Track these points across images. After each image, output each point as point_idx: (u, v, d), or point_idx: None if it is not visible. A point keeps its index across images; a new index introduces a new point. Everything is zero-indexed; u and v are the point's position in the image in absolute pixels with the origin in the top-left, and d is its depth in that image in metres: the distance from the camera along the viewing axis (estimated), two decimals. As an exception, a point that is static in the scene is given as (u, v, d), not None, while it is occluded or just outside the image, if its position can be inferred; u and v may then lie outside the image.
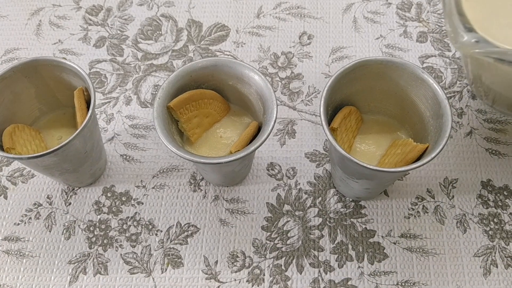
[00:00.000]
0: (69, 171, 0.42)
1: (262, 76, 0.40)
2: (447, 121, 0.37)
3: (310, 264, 0.43)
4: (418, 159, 0.38)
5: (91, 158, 0.43)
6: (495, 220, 0.45)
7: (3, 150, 0.40)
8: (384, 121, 0.44)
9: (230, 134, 0.43)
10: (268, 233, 0.45)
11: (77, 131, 0.37)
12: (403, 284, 0.42)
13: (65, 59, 0.41)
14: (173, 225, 0.45)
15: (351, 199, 0.46)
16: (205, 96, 0.42)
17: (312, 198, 0.46)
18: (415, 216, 0.45)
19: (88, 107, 0.41)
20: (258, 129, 0.42)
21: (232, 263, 0.43)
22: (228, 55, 0.54)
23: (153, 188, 0.47)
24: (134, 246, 0.44)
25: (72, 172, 0.42)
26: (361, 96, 0.43)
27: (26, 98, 0.43)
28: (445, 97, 0.37)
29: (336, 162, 0.40)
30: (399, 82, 0.41)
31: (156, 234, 0.45)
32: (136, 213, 0.46)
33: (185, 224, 0.45)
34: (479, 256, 0.43)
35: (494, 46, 0.34)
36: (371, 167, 0.35)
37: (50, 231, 0.45)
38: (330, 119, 0.41)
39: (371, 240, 0.44)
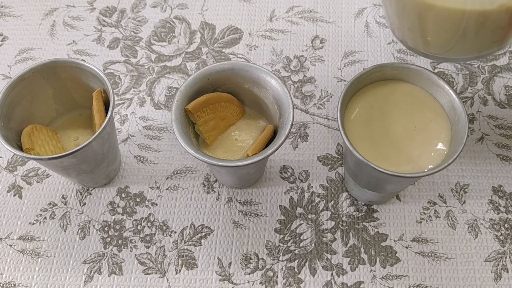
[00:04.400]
0: (86, 172, 0.42)
1: (279, 80, 0.41)
2: (463, 127, 0.37)
3: (323, 267, 0.44)
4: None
5: (108, 159, 0.43)
6: (506, 225, 0.45)
7: (22, 150, 0.40)
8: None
9: (245, 137, 0.44)
10: (281, 236, 0.45)
11: (96, 133, 0.38)
12: (415, 288, 0.43)
13: (84, 61, 0.41)
14: (187, 226, 0.46)
15: (363, 203, 0.46)
16: (221, 99, 0.42)
17: (324, 201, 0.46)
18: (427, 221, 0.45)
19: (105, 109, 0.42)
20: (273, 133, 0.43)
21: (246, 265, 0.44)
22: (241, 58, 0.55)
23: (167, 189, 0.47)
24: (148, 247, 0.45)
25: (88, 173, 0.43)
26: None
27: (43, 99, 0.43)
28: (461, 104, 0.38)
29: (351, 166, 0.41)
30: (415, 88, 0.41)
31: (170, 235, 0.45)
32: (150, 214, 0.46)
33: (198, 226, 0.46)
34: (490, 261, 0.44)
35: None
36: (386, 171, 0.36)
37: (65, 231, 0.45)
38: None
39: (383, 244, 0.44)
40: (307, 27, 0.57)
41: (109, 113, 0.39)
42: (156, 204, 0.47)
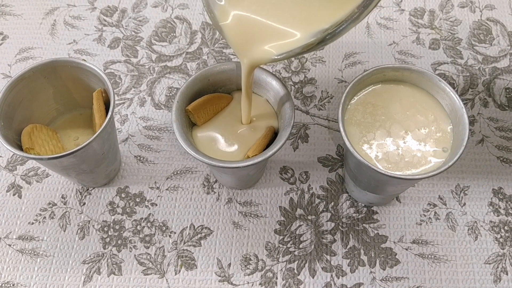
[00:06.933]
0: (86, 172, 0.42)
1: (280, 81, 0.41)
2: (464, 130, 0.37)
3: (322, 268, 0.44)
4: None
5: (108, 159, 0.43)
6: (505, 227, 0.45)
7: (22, 149, 0.40)
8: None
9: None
10: (281, 237, 0.45)
11: (97, 133, 0.38)
12: (414, 289, 0.43)
13: (85, 60, 0.41)
14: (187, 227, 0.45)
15: (363, 205, 0.46)
16: (222, 100, 0.42)
17: (324, 202, 0.46)
18: (427, 223, 0.45)
19: (106, 109, 0.41)
20: (274, 134, 0.43)
21: (245, 266, 0.44)
22: (241, 58, 0.55)
23: (166, 189, 0.47)
24: (147, 247, 0.44)
25: (88, 173, 0.43)
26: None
27: (44, 98, 0.43)
28: (462, 106, 0.38)
29: (352, 167, 0.41)
30: (415, 90, 0.41)
31: (169, 236, 0.45)
32: (150, 214, 0.46)
33: (198, 226, 0.46)
34: (489, 263, 0.44)
35: None
36: (387, 173, 0.36)
37: (64, 231, 0.45)
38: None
39: (383, 245, 0.44)
40: (308, 28, 0.57)
41: (110, 113, 0.39)
42: (156, 205, 0.47)
